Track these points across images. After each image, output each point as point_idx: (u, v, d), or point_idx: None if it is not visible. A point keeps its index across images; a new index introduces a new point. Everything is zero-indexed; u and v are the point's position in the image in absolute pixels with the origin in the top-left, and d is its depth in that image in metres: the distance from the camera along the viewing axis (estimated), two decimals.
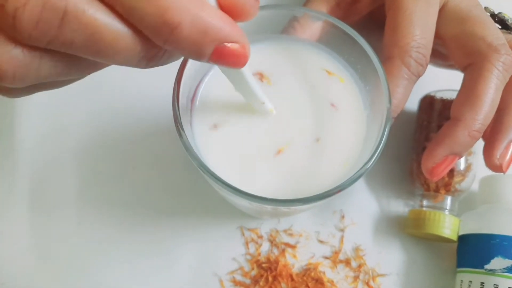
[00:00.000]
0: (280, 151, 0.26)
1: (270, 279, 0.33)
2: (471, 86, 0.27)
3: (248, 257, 0.34)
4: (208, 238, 0.34)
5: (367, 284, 0.34)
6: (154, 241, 0.34)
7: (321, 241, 0.35)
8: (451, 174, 0.33)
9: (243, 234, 0.35)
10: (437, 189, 0.33)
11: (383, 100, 0.24)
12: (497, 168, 0.29)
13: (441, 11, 0.29)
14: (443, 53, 0.32)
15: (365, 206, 0.35)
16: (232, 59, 0.18)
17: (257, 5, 0.19)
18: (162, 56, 0.18)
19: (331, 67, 0.28)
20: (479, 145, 0.31)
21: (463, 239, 0.32)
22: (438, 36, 0.29)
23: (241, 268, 0.34)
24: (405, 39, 0.27)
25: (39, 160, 0.36)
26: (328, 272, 0.34)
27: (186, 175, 0.35)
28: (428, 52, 0.28)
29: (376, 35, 0.28)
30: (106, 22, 0.16)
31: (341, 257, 0.34)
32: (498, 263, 0.29)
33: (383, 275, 0.34)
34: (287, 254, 0.34)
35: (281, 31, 0.29)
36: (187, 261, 0.34)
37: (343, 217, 0.35)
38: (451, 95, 0.34)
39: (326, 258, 0.34)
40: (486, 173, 0.32)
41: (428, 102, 0.35)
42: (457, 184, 0.33)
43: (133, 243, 0.34)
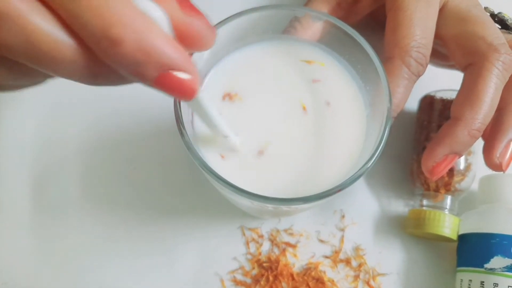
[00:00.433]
0: (280, 151, 0.26)
1: (271, 278, 0.33)
2: (471, 86, 0.28)
3: (249, 256, 0.34)
4: (209, 238, 0.34)
5: (368, 283, 0.34)
6: (155, 240, 0.34)
7: (321, 241, 0.35)
8: (451, 174, 0.33)
9: (243, 234, 0.35)
10: (437, 188, 0.33)
11: (384, 100, 0.24)
12: (497, 167, 0.29)
13: (441, 11, 0.29)
14: (443, 53, 0.32)
15: (366, 205, 0.36)
16: (178, 89, 0.16)
17: (213, 35, 0.18)
18: (109, 75, 0.17)
19: (329, 67, 0.28)
20: (479, 145, 0.31)
21: (463, 238, 0.32)
22: (438, 36, 0.29)
23: (242, 267, 0.34)
24: (405, 39, 0.27)
25: (41, 161, 0.36)
26: (328, 271, 0.34)
27: (188, 174, 0.35)
28: (428, 52, 0.28)
29: (376, 35, 0.28)
30: (45, 28, 0.15)
31: (341, 256, 0.34)
32: (498, 262, 0.29)
33: (383, 274, 0.34)
34: (287, 254, 0.34)
35: (282, 31, 0.29)
36: (188, 261, 0.34)
37: (343, 216, 0.35)
38: (451, 95, 0.34)
39: (326, 257, 0.34)
40: (486, 173, 0.32)
41: (428, 102, 0.35)
42: (457, 183, 0.33)
43: (134, 242, 0.34)
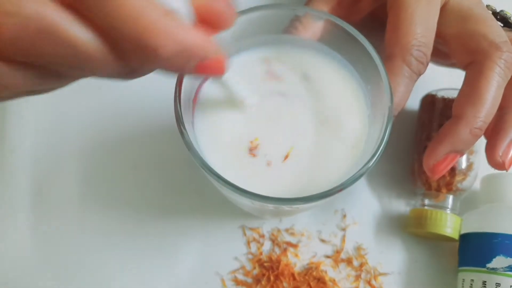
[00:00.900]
0: (281, 151, 0.26)
1: (272, 278, 0.33)
2: (472, 84, 0.27)
3: (250, 256, 0.34)
4: (210, 238, 0.34)
5: (369, 283, 0.33)
6: (155, 240, 0.34)
7: (322, 240, 0.35)
8: (453, 173, 0.33)
9: (244, 234, 0.35)
10: (438, 188, 0.33)
11: (385, 99, 0.24)
12: (499, 165, 0.29)
13: (442, 9, 0.29)
14: (444, 52, 0.32)
15: (367, 205, 0.35)
16: (212, 72, 0.19)
17: (233, 14, 0.19)
18: (145, 71, 0.18)
19: (330, 67, 0.28)
20: (481, 144, 0.31)
21: (465, 238, 0.32)
22: (440, 35, 0.29)
23: (242, 267, 0.34)
24: (406, 38, 0.27)
25: (41, 161, 0.36)
26: (330, 271, 0.34)
27: (188, 174, 0.35)
28: (429, 50, 0.28)
29: (377, 34, 0.28)
30: (84, 38, 0.16)
31: (342, 256, 0.34)
32: (500, 262, 0.29)
33: (384, 274, 0.34)
34: (289, 253, 0.34)
35: (283, 31, 0.29)
36: (188, 261, 0.34)
37: (344, 216, 0.35)
38: (453, 94, 0.34)
39: (327, 257, 0.34)
40: (488, 172, 0.32)
41: (430, 101, 0.35)
42: (458, 183, 0.33)
43: (135, 242, 0.34)
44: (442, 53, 0.32)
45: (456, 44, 0.29)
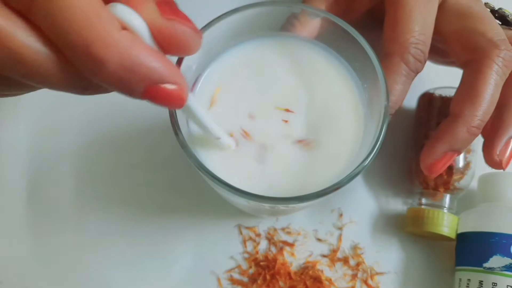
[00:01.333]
0: (277, 150, 0.25)
1: (268, 277, 0.33)
2: (470, 82, 0.27)
3: (246, 255, 0.34)
4: (206, 237, 0.34)
5: (365, 282, 0.33)
6: (151, 239, 0.34)
7: (319, 239, 0.34)
8: (450, 172, 0.32)
9: (240, 233, 0.34)
10: (436, 187, 0.33)
11: (381, 98, 0.24)
12: (496, 164, 0.29)
13: (441, 7, 0.29)
14: (442, 50, 0.32)
15: (364, 204, 0.35)
16: (166, 100, 0.17)
17: (198, 39, 0.17)
18: (98, 88, 0.17)
19: (327, 65, 0.27)
20: (478, 143, 0.31)
21: (462, 237, 0.32)
22: (438, 32, 0.28)
23: (238, 266, 0.34)
24: (404, 36, 0.27)
25: (37, 160, 0.36)
26: (326, 270, 0.34)
27: (184, 173, 0.35)
28: (427, 48, 0.27)
29: (375, 33, 0.28)
30: (29, 44, 0.15)
31: (339, 255, 0.34)
32: (496, 261, 0.29)
33: (381, 273, 0.34)
34: (285, 253, 0.34)
35: (280, 28, 0.28)
36: (184, 259, 0.34)
37: (341, 215, 0.35)
38: (450, 93, 0.34)
39: (324, 256, 0.34)
40: (485, 171, 0.32)
41: (427, 99, 0.35)
42: (456, 182, 0.33)
43: (131, 241, 0.34)
44: (440, 51, 0.32)
45: (454, 42, 0.29)
